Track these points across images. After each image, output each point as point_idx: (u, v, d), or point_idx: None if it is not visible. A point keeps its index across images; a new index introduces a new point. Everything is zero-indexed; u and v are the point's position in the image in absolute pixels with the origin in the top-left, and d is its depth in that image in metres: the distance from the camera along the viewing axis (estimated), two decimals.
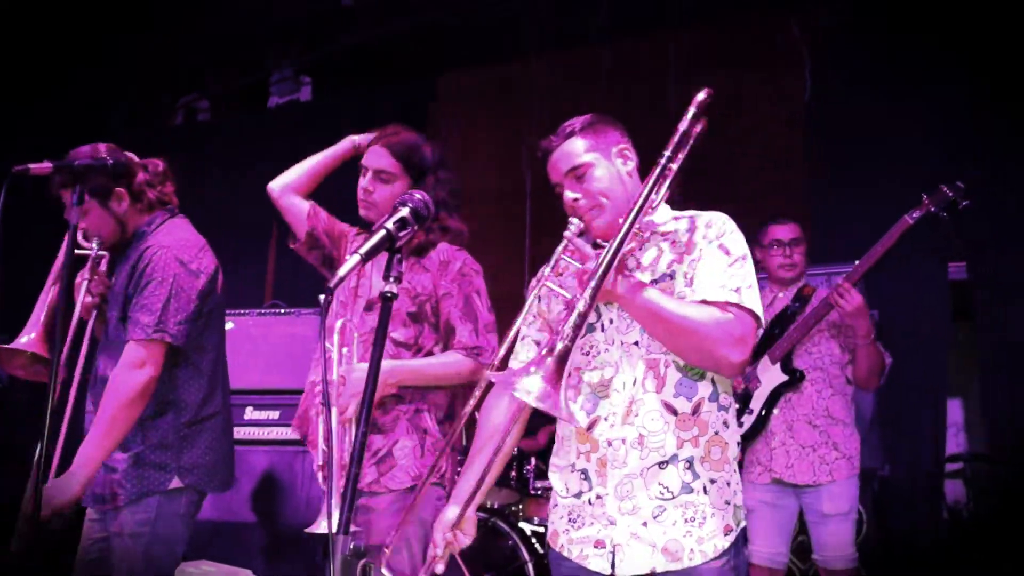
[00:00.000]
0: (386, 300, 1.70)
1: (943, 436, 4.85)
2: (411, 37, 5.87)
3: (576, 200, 2.14)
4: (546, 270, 2.14)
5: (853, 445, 3.58)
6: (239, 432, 4.69)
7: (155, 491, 2.58)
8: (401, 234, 1.75)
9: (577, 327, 1.77)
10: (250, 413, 4.79)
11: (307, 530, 2.35)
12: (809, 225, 4.09)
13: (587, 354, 2.13)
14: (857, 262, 3.56)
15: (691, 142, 2.00)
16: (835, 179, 4.90)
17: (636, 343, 2.05)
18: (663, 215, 2.17)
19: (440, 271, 2.68)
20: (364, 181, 2.72)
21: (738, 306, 1.99)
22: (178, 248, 2.64)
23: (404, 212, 1.77)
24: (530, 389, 1.72)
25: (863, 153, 4.78)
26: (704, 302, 2.00)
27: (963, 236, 4.32)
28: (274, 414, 4.77)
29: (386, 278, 1.72)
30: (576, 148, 2.16)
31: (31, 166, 2.33)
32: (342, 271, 1.64)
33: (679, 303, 1.99)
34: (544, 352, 1.77)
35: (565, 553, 2.09)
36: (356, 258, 1.67)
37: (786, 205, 4.60)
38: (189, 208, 2.84)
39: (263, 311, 5.19)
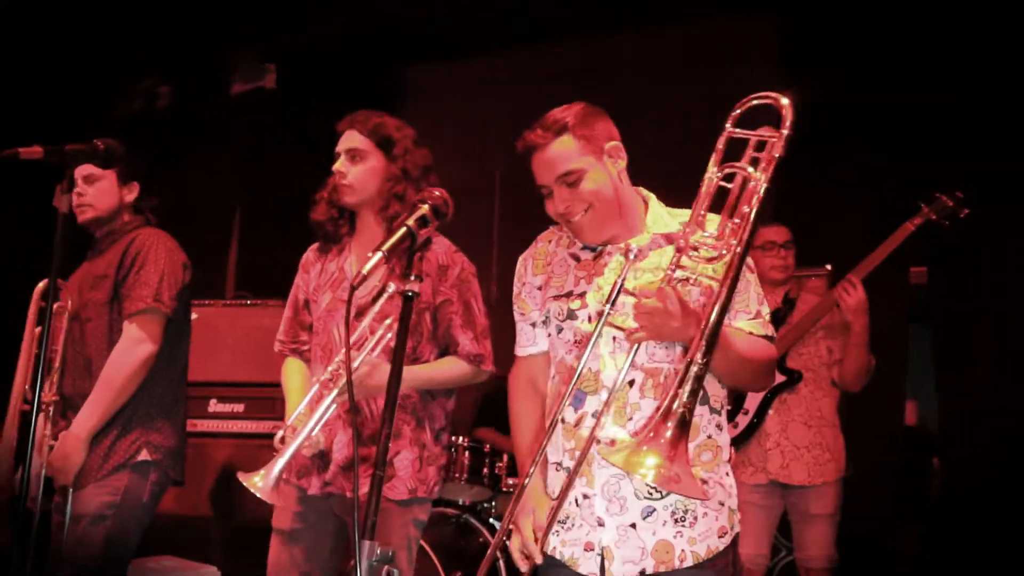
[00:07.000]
0: (407, 300, 1.68)
1: (902, 437, 4.95)
2: (380, 27, 5.80)
3: (567, 209, 2.03)
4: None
5: (840, 447, 3.62)
6: (203, 425, 4.61)
7: None
8: (421, 231, 1.73)
9: (695, 392, 1.68)
10: (214, 406, 4.68)
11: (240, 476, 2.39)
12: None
13: (578, 343, 2.04)
14: (862, 262, 3.57)
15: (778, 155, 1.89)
16: (807, 183, 4.95)
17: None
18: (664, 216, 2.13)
19: (439, 276, 2.61)
20: (337, 165, 2.66)
21: (768, 336, 2.03)
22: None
23: (424, 209, 1.75)
24: (650, 469, 1.63)
25: (835, 156, 4.83)
26: (751, 334, 2.00)
27: (925, 242, 4.40)
28: (239, 407, 4.66)
29: (406, 276, 1.70)
30: (569, 150, 2.00)
31: (20, 150, 2.19)
32: (366, 268, 1.61)
33: (746, 344, 1.95)
34: (657, 420, 1.66)
35: (557, 556, 2.04)
36: (378, 255, 1.64)
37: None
38: (150, 194, 2.85)
39: (228, 302, 5.07)
